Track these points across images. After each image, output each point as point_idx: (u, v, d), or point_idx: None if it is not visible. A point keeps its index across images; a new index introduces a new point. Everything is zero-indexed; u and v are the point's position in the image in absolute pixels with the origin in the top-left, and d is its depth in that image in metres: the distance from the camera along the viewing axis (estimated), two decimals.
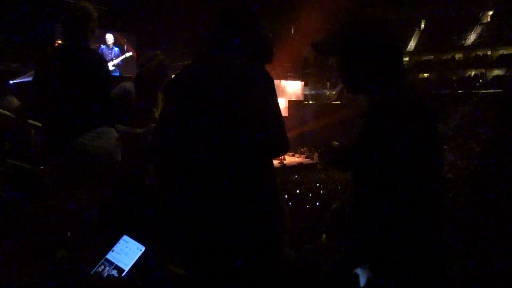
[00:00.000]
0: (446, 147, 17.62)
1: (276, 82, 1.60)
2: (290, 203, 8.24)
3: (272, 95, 1.22)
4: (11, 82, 17.38)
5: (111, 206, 2.12)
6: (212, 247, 1.16)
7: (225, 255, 1.16)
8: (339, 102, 23.95)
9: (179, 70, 1.33)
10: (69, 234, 1.80)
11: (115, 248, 0.85)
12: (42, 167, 2.91)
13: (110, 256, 0.84)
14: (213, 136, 1.14)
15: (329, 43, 1.24)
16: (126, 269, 0.82)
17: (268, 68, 1.50)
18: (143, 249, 0.84)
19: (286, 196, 9.25)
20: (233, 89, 1.16)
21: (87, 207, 1.97)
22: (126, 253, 0.85)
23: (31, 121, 3.17)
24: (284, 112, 16.57)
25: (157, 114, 2.29)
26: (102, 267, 0.83)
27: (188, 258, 1.22)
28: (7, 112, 3.00)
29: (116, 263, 0.83)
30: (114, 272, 0.82)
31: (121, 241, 0.86)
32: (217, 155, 1.14)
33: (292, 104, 21.34)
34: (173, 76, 1.34)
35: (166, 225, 1.28)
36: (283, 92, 20.48)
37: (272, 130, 1.17)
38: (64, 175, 2.01)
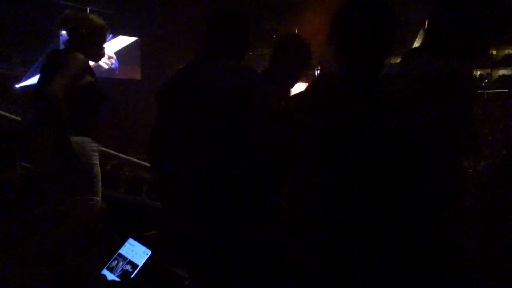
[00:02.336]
0: None
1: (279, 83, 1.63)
2: None
3: (267, 94, 1.22)
4: (16, 86, 17.58)
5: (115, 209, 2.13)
6: (213, 250, 1.16)
7: (227, 257, 1.15)
8: None
9: (173, 75, 1.33)
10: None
11: (121, 250, 0.86)
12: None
13: (122, 251, 0.84)
14: (213, 139, 1.14)
15: None
16: (140, 264, 0.82)
17: (272, 69, 1.50)
18: (150, 253, 0.84)
19: None
20: (233, 94, 1.16)
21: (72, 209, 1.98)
22: (133, 256, 0.85)
23: None
24: None
25: None
26: (116, 262, 0.83)
27: (191, 261, 1.22)
28: (13, 116, 3.02)
29: (130, 258, 0.84)
30: (129, 267, 0.83)
31: (126, 244, 0.87)
32: (218, 158, 1.14)
33: None
34: (166, 80, 1.33)
35: (168, 228, 1.28)
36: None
37: (274, 133, 1.17)
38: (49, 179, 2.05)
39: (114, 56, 17.95)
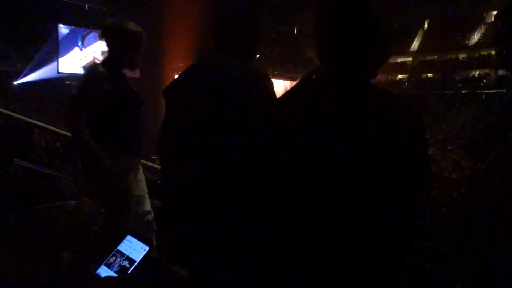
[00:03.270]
0: (450, 147, 17.54)
1: (279, 82, 1.61)
2: None
3: (272, 94, 1.23)
4: (15, 83, 17.49)
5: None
6: (217, 248, 1.16)
7: (227, 256, 1.16)
8: None
9: (180, 72, 1.34)
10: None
11: (119, 247, 0.86)
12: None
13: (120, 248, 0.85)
14: (217, 137, 1.14)
15: None
16: (137, 260, 0.82)
17: (271, 68, 1.50)
18: (147, 249, 0.84)
19: None
20: (235, 92, 1.17)
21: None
22: (130, 252, 0.85)
23: (35, 122, 3.19)
24: None
25: None
26: (114, 258, 0.84)
27: (191, 259, 1.22)
28: (10, 113, 3.02)
29: (128, 254, 0.84)
30: (126, 263, 0.83)
31: (125, 241, 0.87)
32: (223, 156, 1.14)
33: None
34: (174, 78, 1.34)
35: (169, 225, 1.28)
36: None
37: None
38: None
39: None
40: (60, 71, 16.40)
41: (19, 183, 2.62)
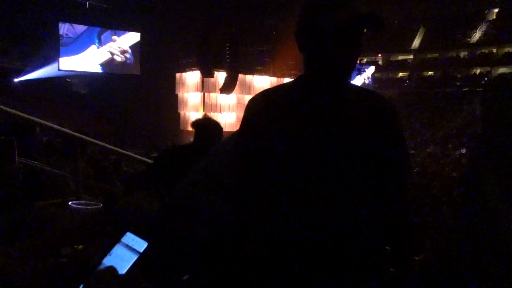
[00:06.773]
0: (450, 145, 17.53)
1: (279, 80, 1.60)
2: None
3: None
4: (15, 80, 17.48)
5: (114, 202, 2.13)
6: (214, 246, 1.16)
7: (227, 256, 1.16)
8: None
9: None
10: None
11: (119, 244, 0.86)
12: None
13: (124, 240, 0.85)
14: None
15: None
16: (136, 256, 0.82)
17: (271, 66, 1.48)
18: (146, 245, 0.84)
19: None
20: None
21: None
22: (130, 249, 0.86)
23: (36, 119, 3.20)
24: None
25: None
26: (113, 254, 0.84)
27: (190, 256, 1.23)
28: (11, 110, 3.02)
29: (132, 246, 0.84)
30: (125, 260, 0.83)
31: (125, 237, 0.87)
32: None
33: None
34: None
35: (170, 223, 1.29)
36: None
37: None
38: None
39: (129, 50, 17.90)
40: (61, 68, 16.38)
41: (19, 180, 2.63)
